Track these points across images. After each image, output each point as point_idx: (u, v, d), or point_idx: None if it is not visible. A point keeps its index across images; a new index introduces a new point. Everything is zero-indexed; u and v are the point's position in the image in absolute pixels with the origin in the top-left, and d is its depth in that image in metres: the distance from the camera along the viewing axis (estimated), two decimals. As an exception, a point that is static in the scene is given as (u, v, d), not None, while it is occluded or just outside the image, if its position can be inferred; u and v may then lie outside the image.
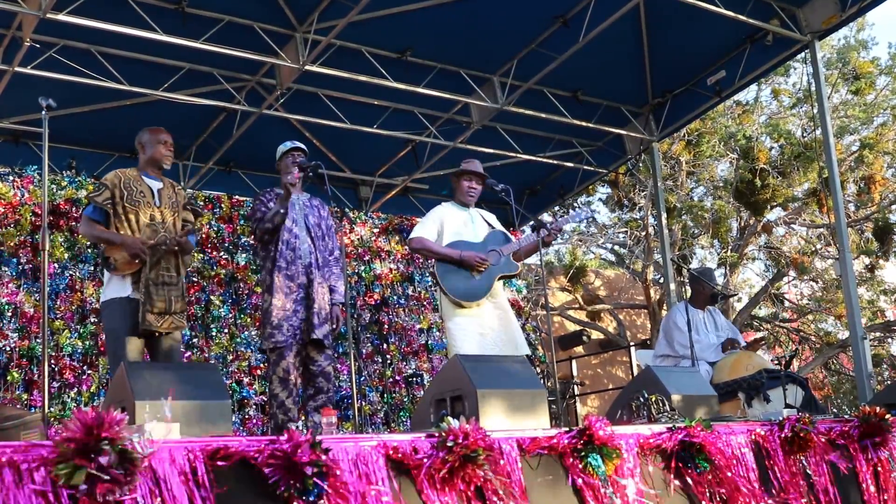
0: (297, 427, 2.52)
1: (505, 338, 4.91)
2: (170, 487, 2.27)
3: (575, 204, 13.81)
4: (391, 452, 2.72)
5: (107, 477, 2.05)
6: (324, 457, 2.44)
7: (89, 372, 6.93)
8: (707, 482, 3.48)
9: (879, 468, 4.17)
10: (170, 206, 4.62)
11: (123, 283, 4.40)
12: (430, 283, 9.12)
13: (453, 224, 5.06)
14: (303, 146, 5.18)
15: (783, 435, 3.85)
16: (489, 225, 5.21)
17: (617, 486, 3.17)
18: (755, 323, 15.59)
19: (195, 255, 7.38)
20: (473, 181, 5.18)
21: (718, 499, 3.48)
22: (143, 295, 4.34)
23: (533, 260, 12.65)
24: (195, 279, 7.82)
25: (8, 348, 6.70)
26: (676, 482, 3.43)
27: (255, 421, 7.55)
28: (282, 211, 4.90)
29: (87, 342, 7.00)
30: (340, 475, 2.49)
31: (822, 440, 4.00)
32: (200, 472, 2.34)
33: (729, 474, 3.55)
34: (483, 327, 4.86)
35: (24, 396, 6.64)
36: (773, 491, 3.71)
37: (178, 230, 4.59)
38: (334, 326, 5.06)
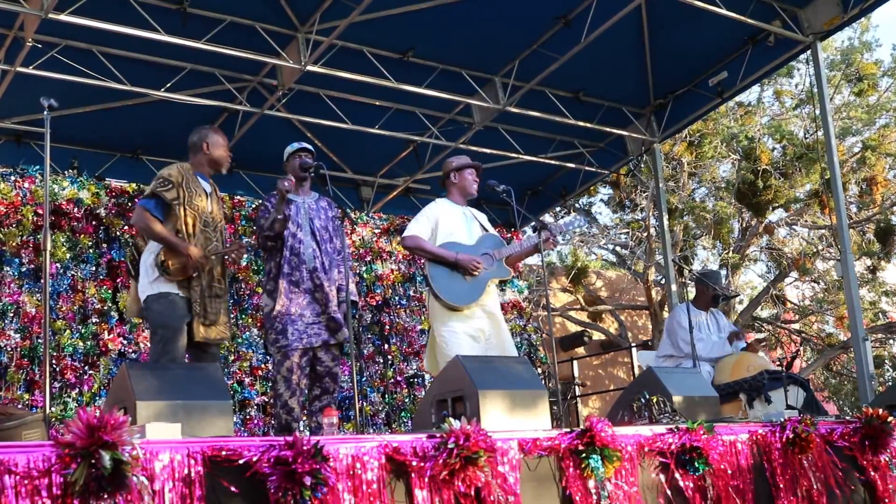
0: (300, 428, 2.51)
1: (496, 342, 4.86)
2: (169, 487, 2.27)
3: (575, 206, 13.79)
4: (392, 453, 2.71)
5: (105, 479, 2.05)
6: (324, 470, 2.43)
7: (91, 372, 6.93)
8: (705, 484, 3.47)
9: (881, 469, 4.16)
10: (219, 210, 4.60)
11: (170, 282, 4.33)
12: (428, 284, 9.11)
13: (448, 222, 4.98)
14: (310, 147, 5.17)
15: (784, 436, 3.85)
16: (481, 225, 5.15)
17: (612, 488, 3.16)
18: (756, 324, 15.57)
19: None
20: (474, 171, 5.16)
21: (715, 500, 3.47)
22: (199, 306, 4.33)
23: (534, 260, 12.67)
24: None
25: (9, 348, 6.70)
26: (674, 483, 3.42)
27: (256, 421, 7.55)
28: (279, 217, 4.85)
29: (89, 342, 7.00)
30: (340, 480, 2.49)
31: (824, 442, 3.99)
32: (200, 473, 2.34)
33: (726, 472, 3.54)
34: (474, 331, 4.81)
35: (26, 396, 6.64)
36: (774, 493, 3.70)
37: (225, 235, 4.61)
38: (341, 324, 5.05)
